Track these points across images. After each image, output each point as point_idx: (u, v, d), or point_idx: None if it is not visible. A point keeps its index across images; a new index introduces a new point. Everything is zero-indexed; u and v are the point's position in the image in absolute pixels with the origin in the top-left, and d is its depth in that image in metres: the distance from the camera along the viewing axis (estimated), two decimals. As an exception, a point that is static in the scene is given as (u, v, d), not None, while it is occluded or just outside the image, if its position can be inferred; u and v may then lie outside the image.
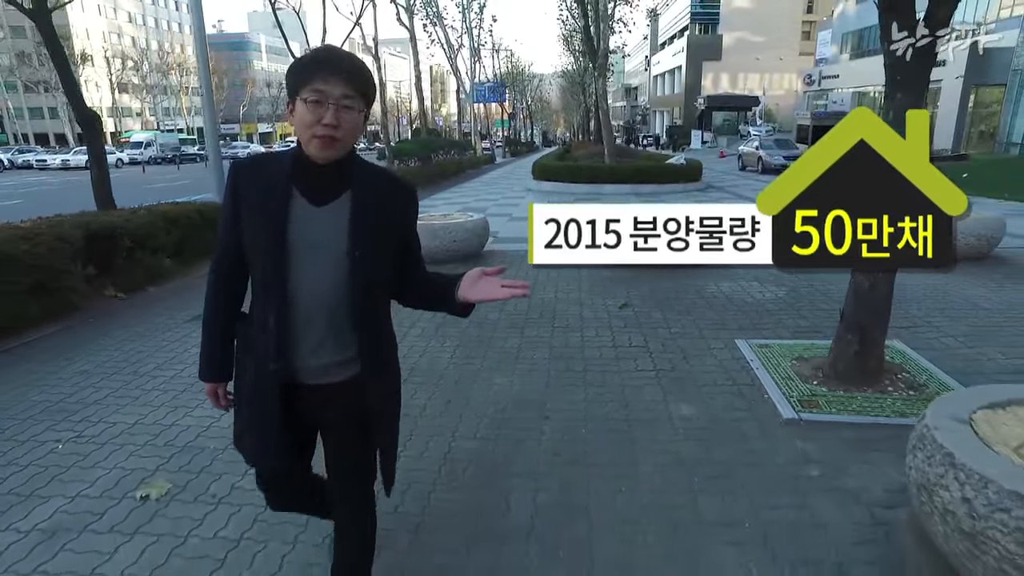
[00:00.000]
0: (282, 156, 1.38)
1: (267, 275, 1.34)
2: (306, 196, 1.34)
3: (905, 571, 1.97)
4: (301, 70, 1.30)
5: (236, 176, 1.38)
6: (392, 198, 1.42)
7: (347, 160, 1.36)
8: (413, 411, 3.18)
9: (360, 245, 1.33)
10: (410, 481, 2.54)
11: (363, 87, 1.31)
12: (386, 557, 2.05)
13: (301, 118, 1.28)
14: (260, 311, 1.38)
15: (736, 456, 2.68)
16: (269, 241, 1.31)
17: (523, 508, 2.36)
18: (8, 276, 4.39)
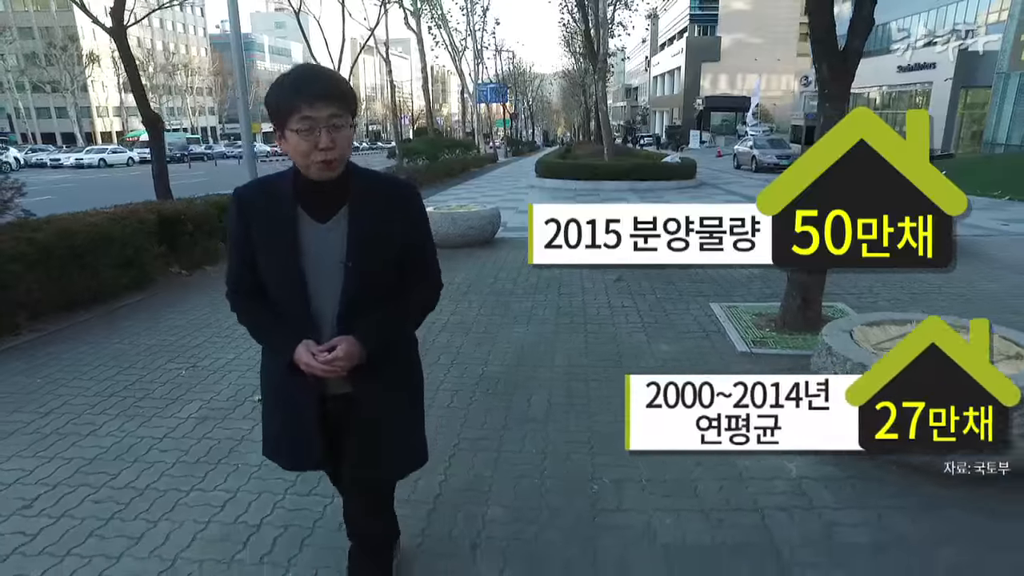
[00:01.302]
0: (282, 178, 1.42)
1: (285, 293, 1.41)
2: (310, 213, 1.38)
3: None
4: (283, 99, 1.29)
5: (241, 203, 1.42)
6: (390, 202, 1.43)
7: (344, 173, 1.38)
8: (451, 350, 4.09)
9: (353, 256, 1.37)
10: (456, 389, 3.44)
11: (347, 101, 1.33)
12: (444, 434, 2.94)
13: (296, 147, 1.30)
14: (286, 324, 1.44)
15: (699, 371, 3.56)
16: (284, 262, 1.37)
17: (540, 406, 3.25)
18: (110, 251, 5.28)
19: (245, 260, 1.42)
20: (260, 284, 1.43)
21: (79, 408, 3.37)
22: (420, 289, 1.53)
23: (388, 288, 1.45)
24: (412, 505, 2.39)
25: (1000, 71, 23.91)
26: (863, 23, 3.67)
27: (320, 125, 1.26)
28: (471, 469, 2.66)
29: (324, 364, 1.34)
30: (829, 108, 3.82)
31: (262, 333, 1.49)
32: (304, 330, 1.39)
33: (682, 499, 2.41)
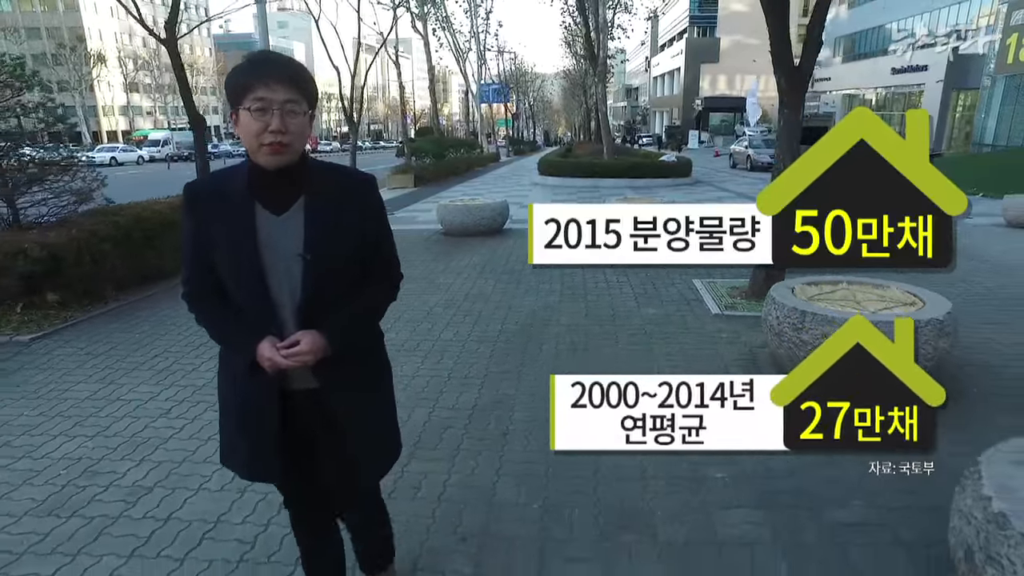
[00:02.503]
0: (235, 171, 1.38)
1: (243, 288, 1.36)
2: (266, 205, 1.34)
3: (757, 364, 3.69)
4: (241, 78, 1.28)
5: (194, 200, 1.38)
6: (347, 194, 1.41)
7: (299, 165, 1.35)
8: (474, 313, 4.93)
9: (311, 248, 1.33)
10: (481, 340, 4.27)
11: (306, 89, 1.31)
12: (476, 367, 3.76)
13: (247, 127, 1.27)
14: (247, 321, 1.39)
15: (679, 330, 4.40)
16: (241, 255, 1.33)
17: (551, 350, 4.08)
18: (171, 234, 6.09)
19: (200, 257, 1.38)
20: (217, 282, 1.39)
21: (178, 354, 4.19)
22: (380, 282, 1.51)
23: (349, 282, 1.42)
24: (456, 411, 3.21)
25: (988, 74, 24.70)
26: (813, 44, 4.47)
27: (274, 107, 1.25)
28: (499, 390, 3.49)
29: (289, 357, 1.31)
30: (788, 114, 4.63)
31: (222, 333, 1.44)
32: (265, 326, 1.35)
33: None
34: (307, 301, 1.35)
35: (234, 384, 1.45)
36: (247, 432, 1.45)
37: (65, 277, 4.95)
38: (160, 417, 3.26)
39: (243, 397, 1.43)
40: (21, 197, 5.20)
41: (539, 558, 2.10)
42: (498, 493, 2.49)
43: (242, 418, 1.45)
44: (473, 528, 2.28)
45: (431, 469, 2.67)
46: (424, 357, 3.97)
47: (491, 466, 2.69)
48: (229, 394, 1.49)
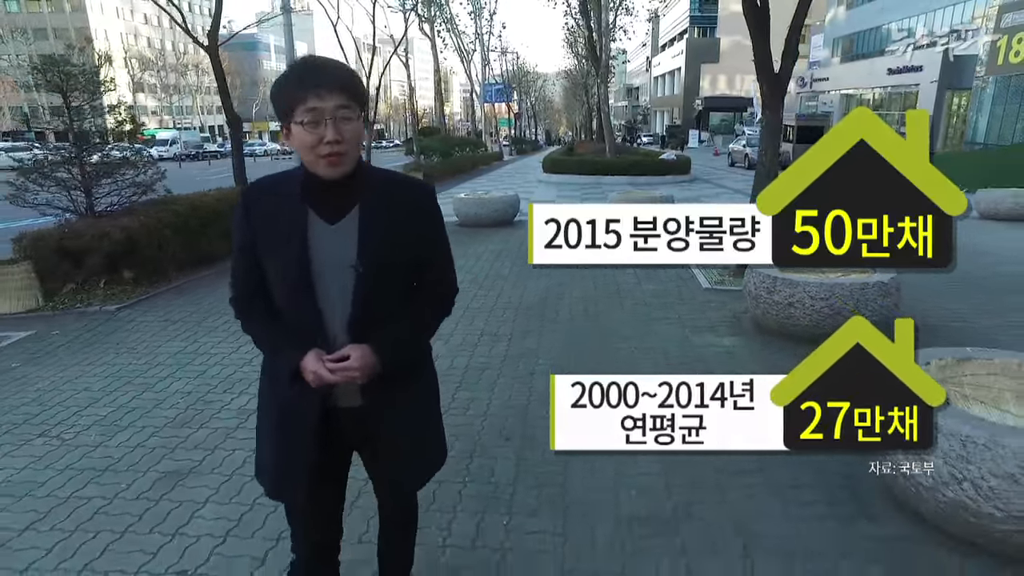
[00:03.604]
0: (291, 176, 1.35)
1: (294, 299, 1.32)
2: (320, 215, 1.30)
3: (741, 325, 4.39)
4: (288, 90, 1.23)
5: (249, 203, 1.35)
6: (404, 204, 1.35)
7: (356, 172, 1.30)
8: (496, 289, 5.63)
9: (363, 260, 1.28)
10: (504, 309, 4.97)
11: (356, 92, 1.25)
12: (504, 327, 4.47)
13: (302, 141, 1.22)
14: (293, 331, 1.33)
15: (675, 300, 5.10)
16: (292, 265, 1.28)
17: (566, 315, 4.79)
18: (219, 223, 6.80)
19: (250, 263, 1.35)
20: (266, 289, 1.35)
21: (245, 320, 4.90)
22: (436, 296, 1.46)
23: (402, 294, 1.38)
24: (490, 358, 3.92)
25: (979, 75, 25.37)
26: (790, 54, 5.17)
27: (326, 117, 1.20)
28: (524, 343, 4.20)
29: (336, 372, 1.26)
30: (769, 115, 5.33)
31: (268, 341, 1.40)
32: (313, 338, 1.31)
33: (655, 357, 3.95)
34: (358, 314, 1.30)
35: (274, 394, 1.40)
36: (281, 446, 1.40)
37: (138, 258, 5.66)
38: (245, 365, 3.96)
39: (283, 409, 1.38)
40: (96, 188, 5.90)
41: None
42: (530, 411, 3.19)
43: (279, 431, 1.39)
44: (514, 432, 2.98)
45: (476, 396, 3.38)
46: (458, 321, 4.68)
47: (523, 394, 3.40)
48: (269, 405, 1.44)
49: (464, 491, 2.50)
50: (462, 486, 2.54)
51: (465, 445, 2.85)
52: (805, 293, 3.87)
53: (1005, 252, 6.92)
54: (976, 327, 4.29)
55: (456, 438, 2.90)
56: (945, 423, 1.93)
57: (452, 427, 2.99)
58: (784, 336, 4.03)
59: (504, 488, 2.52)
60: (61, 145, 5.83)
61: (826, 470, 2.49)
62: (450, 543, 2.19)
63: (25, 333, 4.75)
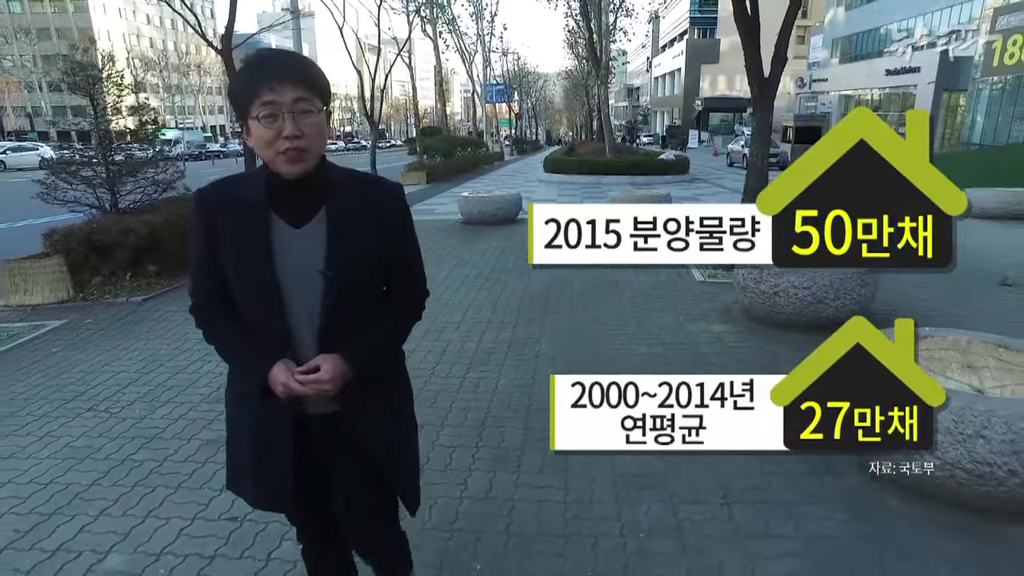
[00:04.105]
0: (251, 178, 1.27)
1: (259, 308, 1.26)
2: (284, 218, 1.24)
3: (731, 314, 4.71)
4: (244, 85, 1.17)
5: (205, 205, 1.27)
6: (373, 205, 1.30)
7: (320, 172, 1.24)
8: (502, 281, 5.95)
9: (332, 264, 1.23)
10: (510, 299, 5.28)
11: (315, 85, 1.19)
12: (510, 314, 4.78)
13: (259, 137, 1.16)
14: (259, 341, 1.27)
15: (670, 292, 5.42)
16: (255, 273, 1.22)
17: (566, 306, 5.10)
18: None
19: (209, 270, 1.27)
20: (228, 296, 1.28)
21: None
22: (406, 301, 1.42)
23: (372, 300, 1.34)
24: (497, 343, 4.22)
25: (974, 76, 25.68)
26: (779, 60, 5.47)
27: (284, 110, 1.14)
28: (528, 330, 4.51)
29: (307, 384, 1.22)
30: (760, 116, 5.64)
31: (232, 353, 1.34)
32: (280, 349, 1.26)
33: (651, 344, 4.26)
34: (327, 322, 1.25)
35: (242, 406, 1.35)
36: (258, 459, 1.34)
37: (161, 252, 5.96)
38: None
39: (253, 422, 1.32)
40: (120, 186, 6.20)
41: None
42: (535, 388, 3.50)
43: (253, 444, 1.34)
44: (520, 406, 3.29)
45: (485, 376, 3.69)
46: (466, 310, 4.99)
47: (528, 374, 3.71)
48: (238, 416, 1.38)
49: (477, 455, 2.81)
50: (475, 450, 2.85)
51: (477, 416, 3.16)
52: (789, 283, 4.18)
53: (984, 248, 7.22)
54: (946, 315, 4.60)
55: (468, 411, 3.22)
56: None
57: (465, 402, 3.33)
58: (770, 323, 4.34)
59: (512, 451, 2.82)
60: (87, 145, 6.12)
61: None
62: (466, 495, 2.50)
63: (60, 322, 5.06)
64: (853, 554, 2.10)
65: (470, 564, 2.10)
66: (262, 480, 1.36)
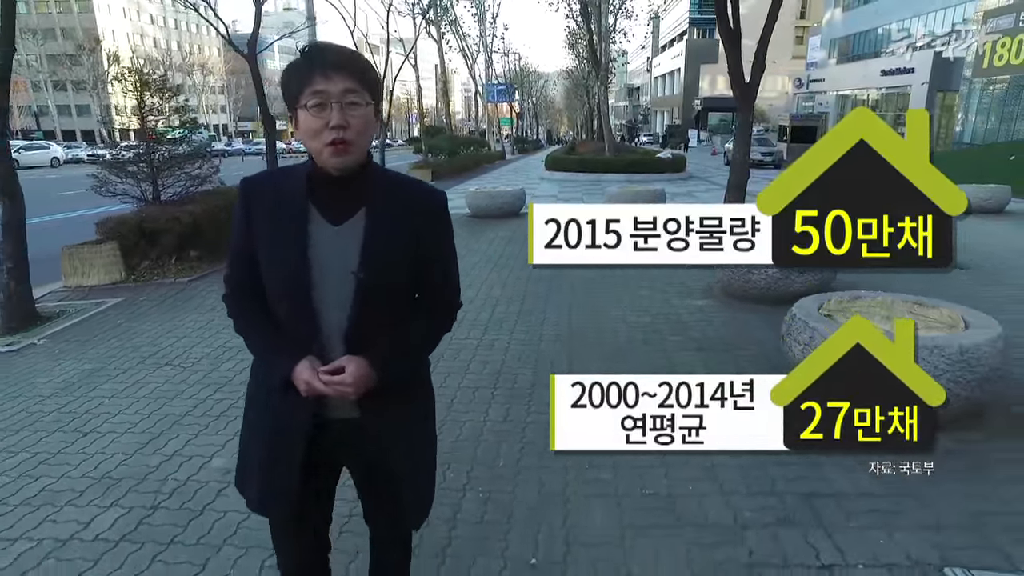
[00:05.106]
0: (295, 171, 1.28)
1: (289, 302, 1.25)
2: (324, 215, 1.23)
3: (712, 292, 5.35)
4: (295, 75, 1.18)
5: (248, 194, 1.28)
6: (413, 211, 1.29)
7: (364, 171, 1.25)
8: (508, 266, 6.61)
9: (365, 267, 1.22)
10: (517, 280, 5.94)
11: (366, 78, 1.20)
12: (517, 290, 5.43)
13: (307, 127, 1.17)
14: (287, 336, 1.26)
15: (660, 274, 6.06)
16: (289, 266, 1.21)
17: (567, 285, 5.75)
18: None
19: (246, 260, 1.26)
20: (261, 289, 1.27)
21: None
22: (439, 309, 1.40)
23: (403, 305, 1.32)
24: (508, 313, 4.86)
25: (966, 77, 26.32)
26: (758, 65, 6.11)
27: (333, 100, 1.14)
28: (534, 304, 5.17)
29: (330, 385, 1.19)
30: (741, 117, 6.28)
31: (259, 344, 1.31)
32: (307, 346, 1.23)
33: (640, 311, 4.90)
34: (355, 324, 1.24)
35: (262, 401, 1.33)
36: (268, 456, 1.32)
37: (202, 239, 6.61)
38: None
39: (271, 419, 1.31)
40: (162, 180, 6.85)
41: (568, 369, 3.76)
42: (541, 346, 4.15)
43: (267, 441, 1.32)
44: (529, 359, 3.94)
45: (498, 338, 4.34)
46: (479, 288, 5.64)
47: (535, 336, 4.37)
48: (257, 413, 1.36)
49: (495, 393, 3.46)
50: (494, 389, 3.49)
51: (494, 367, 3.81)
52: (761, 262, 4.81)
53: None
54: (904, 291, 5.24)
55: (486, 363, 3.87)
56: (825, 329, 2.88)
57: (483, 356, 3.98)
58: (744, 297, 4.98)
59: (524, 390, 3.47)
60: (134, 143, 6.77)
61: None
62: (488, 419, 3.14)
63: (117, 300, 5.71)
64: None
65: (494, 462, 2.75)
66: (267, 478, 1.34)
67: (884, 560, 2.02)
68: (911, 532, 2.15)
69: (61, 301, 5.73)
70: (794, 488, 2.44)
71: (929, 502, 2.30)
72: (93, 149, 43.04)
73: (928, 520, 2.21)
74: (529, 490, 2.51)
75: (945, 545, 2.08)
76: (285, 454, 1.29)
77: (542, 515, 2.34)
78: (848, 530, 2.18)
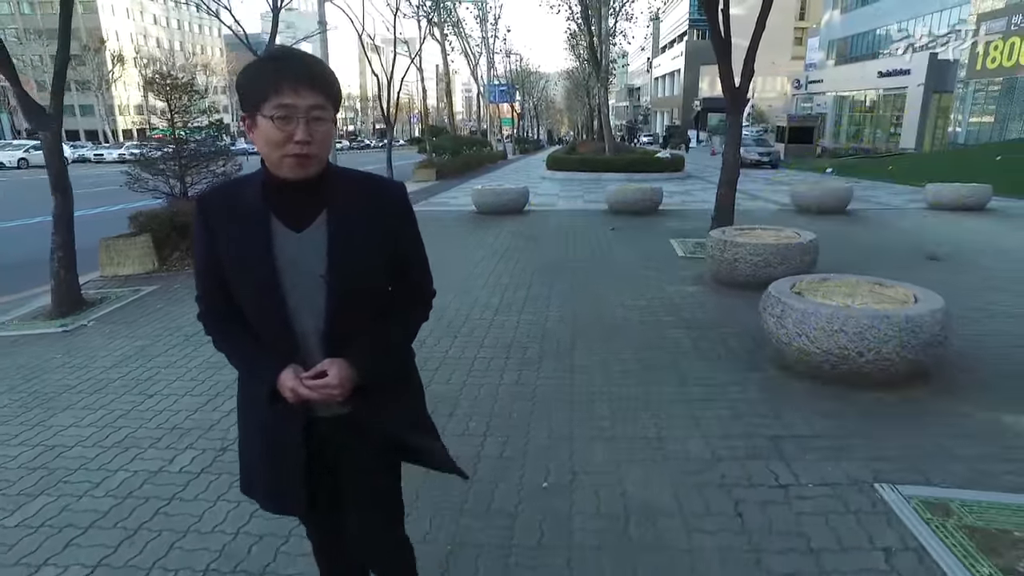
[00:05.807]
0: (249, 181, 1.26)
1: (261, 313, 1.26)
2: (284, 221, 1.22)
3: (702, 279, 5.82)
4: (260, 81, 1.14)
5: (205, 211, 1.26)
6: (375, 206, 1.28)
7: (322, 175, 1.23)
8: (517, 255, 7.09)
9: (333, 270, 1.22)
10: (523, 270, 6.40)
11: (331, 92, 1.18)
12: (526, 271, 5.90)
13: (267, 136, 1.14)
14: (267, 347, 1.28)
15: (655, 262, 6.55)
16: (258, 278, 1.22)
17: (569, 274, 6.21)
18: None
19: (214, 277, 1.26)
20: (235, 303, 1.27)
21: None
22: (412, 302, 1.40)
23: (377, 302, 1.32)
24: (516, 298, 5.34)
25: (960, 78, 26.78)
26: (747, 71, 6.57)
27: (299, 115, 1.12)
28: (540, 290, 5.63)
29: (315, 389, 1.20)
30: (732, 119, 6.74)
31: (241, 359, 1.32)
32: (288, 354, 1.25)
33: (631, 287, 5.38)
34: (330, 327, 1.25)
35: (252, 412, 1.37)
36: (271, 463, 1.36)
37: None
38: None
39: (264, 428, 1.34)
40: (188, 177, 7.32)
41: (571, 343, 4.23)
42: (547, 325, 4.61)
43: (264, 450, 1.36)
44: (536, 335, 4.41)
45: (507, 319, 4.80)
46: (487, 277, 6.11)
47: (542, 316, 4.83)
48: (249, 422, 1.40)
49: (508, 361, 3.93)
50: (506, 360, 3.96)
51: (506, 341, 4.28)
52: (746, 252, 5.29)
53: (928, 232, 8.34)
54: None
55: (499, 338, 4.34)
56: (794, 304, 3.36)
57: (495, 332, 4.45)
58: (731, 284, 5.45)
59: (533, 361, 3.94)
60: (164, 143, 7.24)
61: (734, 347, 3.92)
62: (503, 383, 3.61)
63: (152, 287, 6.18)
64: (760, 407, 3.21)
65: (509, 414, 3.22)
66: (273, 485, 1.37)
67: (829, 480, 2.49)
68: (854, 462, 2.62)
69: (101, 288, 6.20)
70: (762, 431, 2.91)
71: (872, 442, 2.77)
72: (98, 148, 43.81)
73: (869, 454, 2.68)
74: (540, 434, 2.98)
75: (880, 470, 2.55)
76: (286, 460, 1.33)
77: (552, 453, 2.80)
78: (804, 461, 2.65)
